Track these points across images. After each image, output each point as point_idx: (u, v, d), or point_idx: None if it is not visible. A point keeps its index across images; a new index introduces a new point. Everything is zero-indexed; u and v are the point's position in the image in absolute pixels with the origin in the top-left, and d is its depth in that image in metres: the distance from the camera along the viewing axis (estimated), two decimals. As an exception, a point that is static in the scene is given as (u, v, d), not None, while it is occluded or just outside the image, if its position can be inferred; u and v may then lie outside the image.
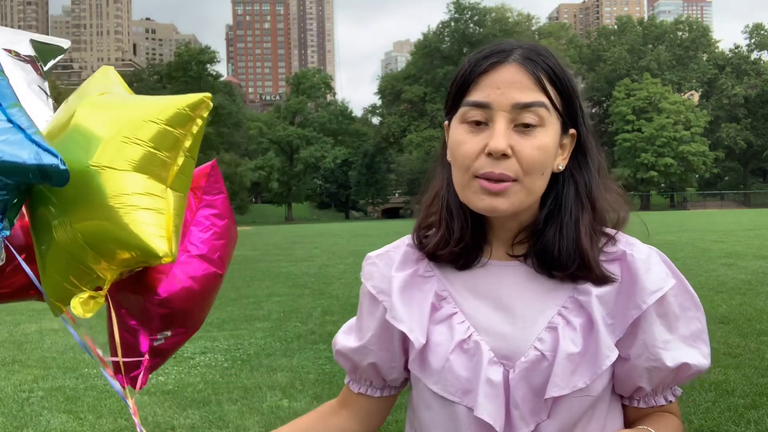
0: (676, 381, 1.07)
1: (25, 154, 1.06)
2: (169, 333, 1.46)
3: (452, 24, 74.04)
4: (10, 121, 1.10)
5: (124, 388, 1.34)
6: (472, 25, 73.71)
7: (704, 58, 77.81)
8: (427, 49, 73.90)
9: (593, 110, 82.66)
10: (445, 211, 1.07)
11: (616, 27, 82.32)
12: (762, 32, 79.10)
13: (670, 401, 1.09)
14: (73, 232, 1.20)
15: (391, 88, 75.91)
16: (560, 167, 1.03)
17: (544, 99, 0.98)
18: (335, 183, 78.47)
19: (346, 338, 1.17)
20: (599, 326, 0.97)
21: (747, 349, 6.04)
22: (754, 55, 78.56)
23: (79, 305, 1.27)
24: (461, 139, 1.00)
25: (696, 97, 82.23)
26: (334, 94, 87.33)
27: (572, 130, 1.04)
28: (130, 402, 1.24)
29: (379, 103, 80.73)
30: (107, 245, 1.22)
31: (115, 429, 4.64)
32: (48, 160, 1.07)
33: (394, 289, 1.07)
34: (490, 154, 0.96)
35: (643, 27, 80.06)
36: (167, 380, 5.77)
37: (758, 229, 23.15)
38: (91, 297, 1.28)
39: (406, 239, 1.14)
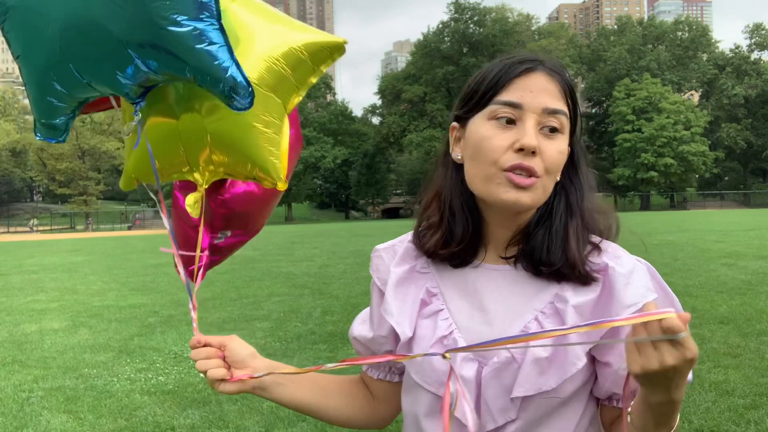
0: None
1: (228, 65, 1.09)
2: (228, 233, 1.50)
3: (452, 24, 74.02)
4: (222, 27, 1.10)
5: (193, 280, 1.36)
6: (472, 25, 73.68)
7: (704, 58, 77.82)
8: (427, 49, 73.92)
9: (593, 110, 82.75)
10: (447, 212, 1.12)
11: (615, 27, 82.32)
12: (762, 32, 79.10)
13: None
14: (202, 125, 1.22)
15: (391, 88, 75.93)
16: (557, 177, 1.09)
17: (565, 108, 1.06)
18: (335, 183, 78.46)
19: (362, 328, 1.24)
20: (570, 335, 1.00)
21: (747, 349, 6.04)
22: (754, 55, 78.57)
23: (192, 204, 1.32)
24: (489, 134, 1.05)
25: (696, 97, 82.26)
26: (334, 94, 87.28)
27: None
28: (193, 295, 1.29)
29: (379, 103, 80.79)
30: (232, 151, 1.24)
31: (115, 429, 4.64)
32: (242, 80, 1.10)
33: (390, 284, 1.15)
34: (520, 150, 1.02)
35: (643, 27, 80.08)
36: (167, 380, 5.77)
37: (758, 229, 23.15)
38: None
39: (410, 235, 1.20)
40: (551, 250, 1.06)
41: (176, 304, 10.01)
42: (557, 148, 1.04)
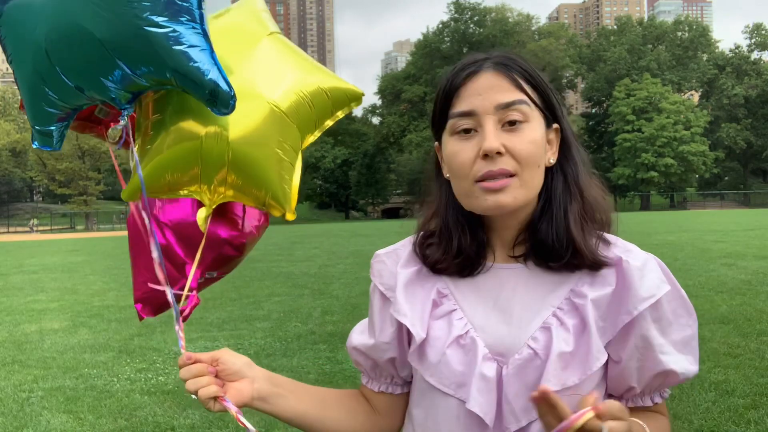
0: (664, 384, 1.09)
1: (208, 69, 1.09)
2: (215, 273, 1.47)
3: (452, 24, 74.06)
4: (204, 32, 1.11)
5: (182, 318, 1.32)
6: (472, 25, 73.73)
7: (704, 58, 77.79)
8: (427, 49, 73.96)
9: (593, 110, 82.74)
10: (444, 229, 1.12)
11: (615, 27, 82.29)
12: (762, 32, 79.08)
13: (657, 402, 1.11)
14: (226, 145, 1.22)
15: (391, 88, 75.96)
16: (551, 161, 1.08)
17: (523, 96, 1.04)
18: (335, 183, 78.40)
19: (362, 337, 1.20)
20: (591, 328, 1.01)
21: (747, 349, 6.04)
22: (754, 55, 78.55)
23: (203, 218, 1.31)
24: (455, 149, 1.05)
25: (696, 97, 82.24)
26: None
27: (555, 125, 1.09)
28: (180, 317, 1.26)
29: (379, 103, 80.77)
30: (250, 175, 1.27)
31: (115, 429, 4.64)
32: (224, 85, 1.11)
33: (399, 285, 1.12)
34: (486, 156, 1.01)
35: (643, 27, 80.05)
36: (167, 380, 5.77)
37: (758, 229, 23.15)
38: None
39: (413, 239, 1.18)
40: (557, 241, 1.05)
41: (176, 304, 10.01)
42: (526, 139, 1.02)
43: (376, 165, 74.18)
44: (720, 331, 6.80)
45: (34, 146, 1.25)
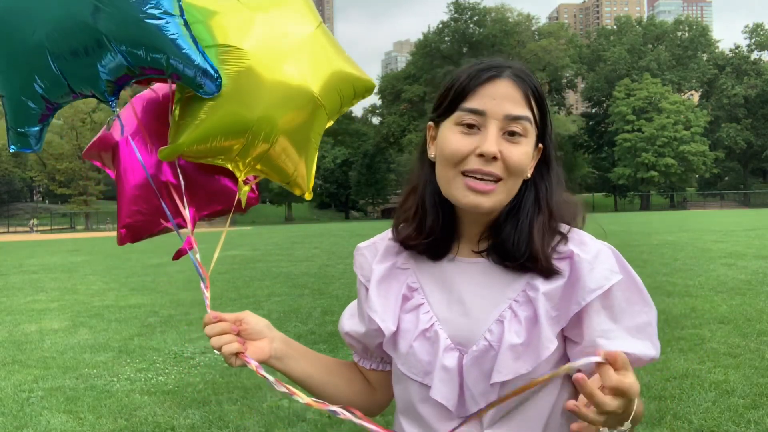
0: None
1: (197, 57, 1.23)
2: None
3: (452, 24, 74.01)
4: (186, 23, 1.25)
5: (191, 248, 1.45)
6: (472, 25, 73.67)
7: (704, 58, 77.78)
8: (428, 49, 73.92)
9: (593, 110, 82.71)
10: (420, 206, 1.20)
11: (615, 27, 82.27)
12: (762, 32, 79.05)
13: None
14: (274, 129, 1.34)
15: (391, 88, 75.93)
16: (528, 174, 1.16)
17: (530, 114, 1.12)
18: (335, 183, 78.41)
19: (352, 323, 1.31)
20: (542, 320, 1.09)
21: (747, 349, 6.04)
22: (754, 55, 78.55)
23: (245, 192, 1.43)
24: (454, 139, 1.12)
25: (696, 97, 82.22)
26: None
27: (540, 145, 1.18)
28: (204, 272, 1.41)
29: (379, 103, 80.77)
30: (285, 155, 1.40)
31: (115, 429, 4.64)
32: (211, 71, 1.24)
33: (373, 282, 1.23)
34: (481, 156, 1.09)
35: (642, 27, 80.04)
36: (167, 380, 5.77)
37: (758, 229, 23.15)
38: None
39: (390, 232, 1.27)
40: (516, 245, 1.13)
41: (176, 304, 10.01)
42: (521, 151, 1.11)
43: (376, 165, 74.16)
44: (720, 331, 6.80)
45: (11, 150, 1.35)
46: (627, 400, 0.91)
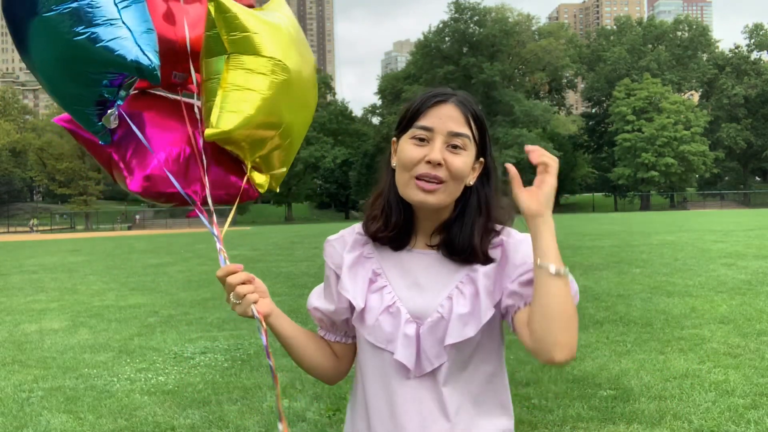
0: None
1: (128, 53, 1.41)
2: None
3: (452, 24, 73.92)
4: (123, 21, 1.43)
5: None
6: (472, 25, 73.57)
7: (704, 58, 77.75)
8: (428, 49, 73.79)
9: (593, 110, 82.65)
10: (387, 206, 1.47)
11: (615, 27, 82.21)
12: (762, 32, 79.03)
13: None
14: (304, 129, 1.66)
15: (391, 88, 75.78)
16: (470, 182, 1.44)
17: (468, 132, 1.41)
18: (335, 183, 78.33)
19: (321, 302, 1.56)
20: (482, 294, 1.39)
21: (747, 349, 6.04)
22: (754, 55, 78.51)
23: (265, 181, 1.70)
24: (408, 149, 1.40)
25: (696, 97, 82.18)
26: (334, 94, 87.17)
27: (481, 159, 1.45)
28: (216, 229, 1.61)
29: (379, 103, 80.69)
30: (290, 153, 1.71)
31: (115, 429, 4.64)
32: (145, 61, 1.42)
33: (344, 267, 1.48)
34: (429, 162, 1.37)
35: (642, 27, 79.99)
36: (167, 380, 5.77)
37: (758, 229, 23.15)
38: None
39: (357, 227, 1.52)
40: (461, 243, 1.42)
41: (176, 304, 10.02)
42: (461, 160, 1.39)
43: (376, 165, 71.03)
44: (720, 331, 6.80)
45: (101, 143, 1.63)
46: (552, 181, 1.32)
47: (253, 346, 6.86)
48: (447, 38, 74.31)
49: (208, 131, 1.50)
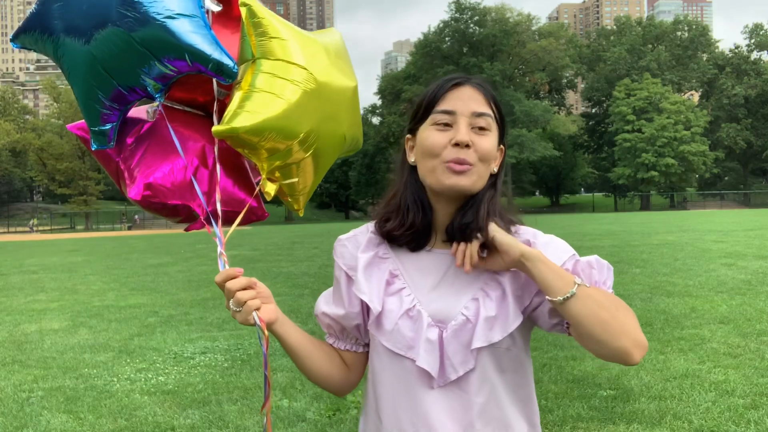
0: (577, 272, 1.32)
1: (209, 49, 1.43)
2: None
3: (452, 24, 73.90)
4: (206, 23, 1.47)
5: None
6: (472, 25, 73.56)
7: (704, 58, 77.68)
8: (428, 49, 73.74)
9: (593, 110, 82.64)
10: (403, 205, 1.38)
11: (615, 27, 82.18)
12: (762, 32, 79.00)
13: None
14: (316, 140, 1.56)
15: (391, 88, 75.75)
16: (494, 170, 1.37)
17: (491, 112, 1.34)
18: (335, 183, 78.34)
19: (331, 307, 1.45)
20: (509, 297, 1.31)
21: (747, 349, 6.04)
22: (754, 55, 78.43)
23: (274, 189, 1.59)
24: (432, 136, 1.33)
25: (696, 97, 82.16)
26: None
27: (501, 146, 1.39)
28: (220, 230, 1.51)
29: (379, 103, 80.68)
30: (306, 172, 1.62)
31: (115, 429, 4.64)
32: (227, 61, 1.44)
33: (359, 268, 1.37)
34: (456, 145, 1.29)
35: (642, 27, 79.94)
36: (167, 380, 5.77)
37: (758, 229, 23.14)
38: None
39: (370, 226, 1.44)
40: (473, 224, 1.32)
41: (176, 304, 10.02)
42: (488, 142, 1.32)
43: (376, 165, 74.06)
44: (720, 331, 6.80)
45: (93, 148, 1.57)
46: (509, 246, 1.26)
47: (253, 346, 6.86)
48: (447, 38, 74.29)
49: (215, 127, 1.46)
